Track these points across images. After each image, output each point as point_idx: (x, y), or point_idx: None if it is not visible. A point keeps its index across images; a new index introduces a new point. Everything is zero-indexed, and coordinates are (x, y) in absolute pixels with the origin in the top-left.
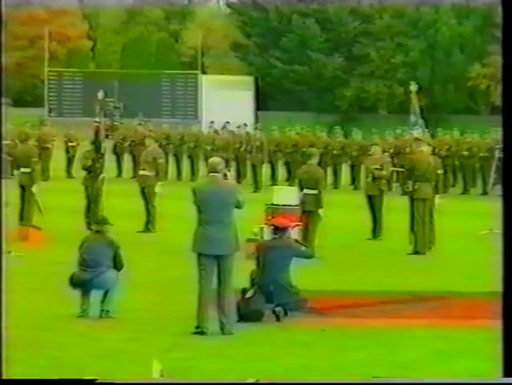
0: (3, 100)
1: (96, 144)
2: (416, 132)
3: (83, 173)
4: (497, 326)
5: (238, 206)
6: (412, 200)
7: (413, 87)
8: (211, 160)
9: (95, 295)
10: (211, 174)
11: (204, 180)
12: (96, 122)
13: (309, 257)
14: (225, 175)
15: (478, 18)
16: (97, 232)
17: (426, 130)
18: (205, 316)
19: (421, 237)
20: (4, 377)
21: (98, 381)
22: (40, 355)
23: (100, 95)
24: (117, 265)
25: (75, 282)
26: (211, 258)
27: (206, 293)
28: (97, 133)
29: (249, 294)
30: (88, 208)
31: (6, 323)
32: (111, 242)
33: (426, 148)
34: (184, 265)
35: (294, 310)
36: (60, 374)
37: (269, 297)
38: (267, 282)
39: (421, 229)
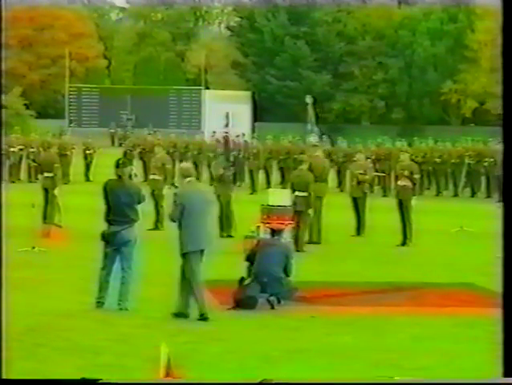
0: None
1: (226, 154)
2: (313, 139)
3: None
4: (469, 313)
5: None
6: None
7: (309, 99)
8: (183, 165)
9: (113, 288)
10: (188, 179)
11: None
12: (225, 133)
13: (289, 271)
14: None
15: (450, 40)
16: (119, 177)
17: (323, 137)
18: (205, 304)
19: (316, 229)
20: (4, 377)
21: (101, 381)
22: (62, 339)
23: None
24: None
25: (106, 237)
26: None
27: (201, 284)
28: (226, 143)
29: (245, 283)
30: (221, 216)
31: (30, 311)
32: (133, 190)
33: (321, 153)
34: None
35: (286, 299)
36: (80, 355)
37: (263, 287)
38: (262, 274)
39: (316, 223)
